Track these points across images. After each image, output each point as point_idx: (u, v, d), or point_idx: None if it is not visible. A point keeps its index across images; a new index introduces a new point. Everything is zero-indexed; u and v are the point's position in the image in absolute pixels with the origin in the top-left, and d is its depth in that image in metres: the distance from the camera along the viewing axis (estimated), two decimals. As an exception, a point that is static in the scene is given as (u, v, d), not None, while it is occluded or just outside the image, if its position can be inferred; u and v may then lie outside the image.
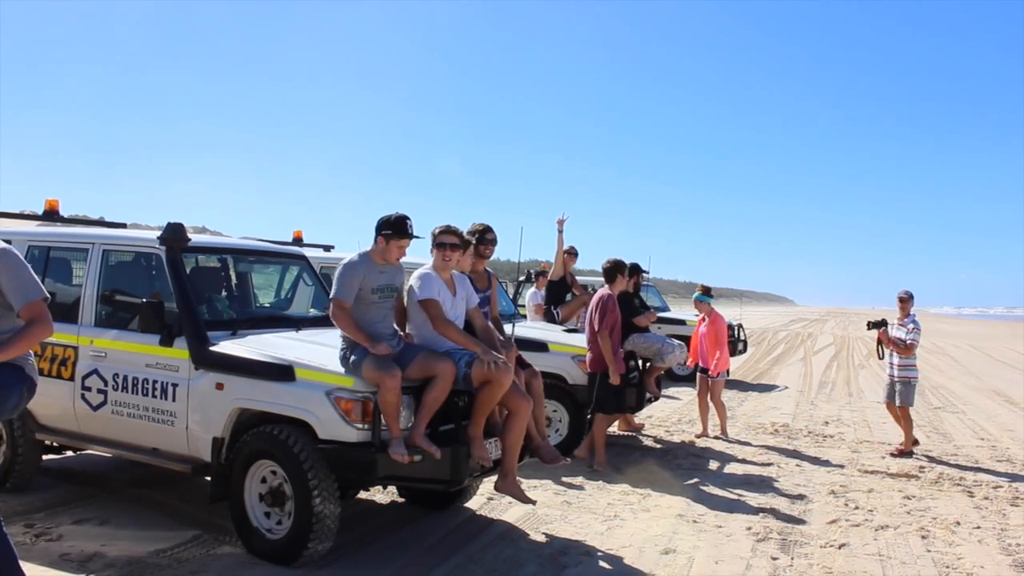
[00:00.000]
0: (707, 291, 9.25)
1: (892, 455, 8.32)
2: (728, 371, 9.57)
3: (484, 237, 5.44)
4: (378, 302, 4.56)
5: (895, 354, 8.48)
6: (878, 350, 8.65)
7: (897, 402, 8.42)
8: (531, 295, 10.94)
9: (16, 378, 3.28)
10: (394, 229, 4.51)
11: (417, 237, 4.62)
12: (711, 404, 9.03)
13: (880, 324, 8.56)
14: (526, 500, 4.90)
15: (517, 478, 4.87)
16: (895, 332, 8.51)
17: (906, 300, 8.58)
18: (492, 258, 5.65)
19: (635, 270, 8.14)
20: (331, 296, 4.48)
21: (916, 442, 8.58)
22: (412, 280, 4.78)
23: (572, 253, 9.13)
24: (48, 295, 3.28)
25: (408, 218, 4.58)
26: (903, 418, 8.48)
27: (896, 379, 8.44)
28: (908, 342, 8.36)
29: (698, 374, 9.17)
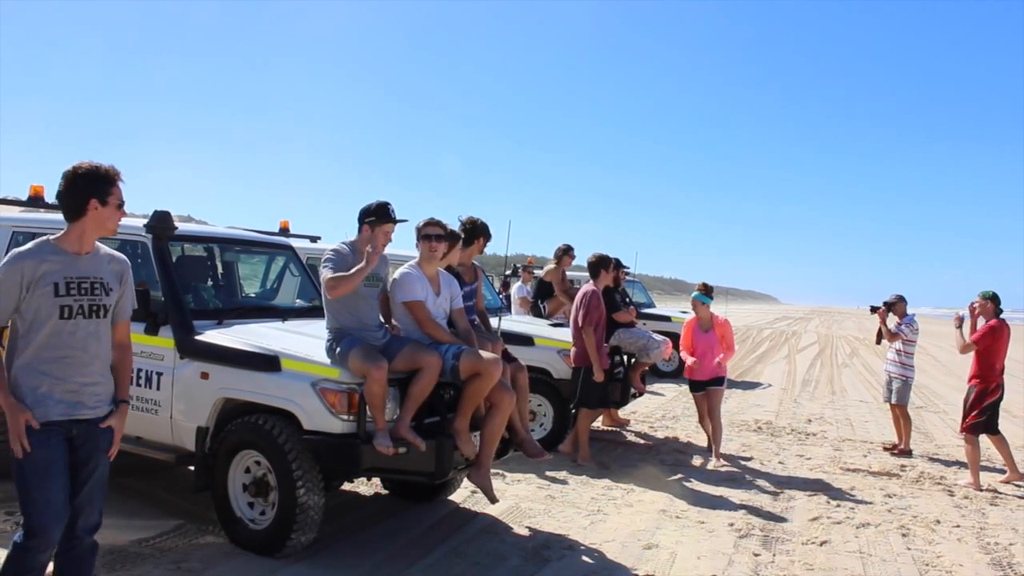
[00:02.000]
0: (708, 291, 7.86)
1: (892, 454, 8.40)
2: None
3: (487, 232, 5.57)
4: (364, 292, 4.53)
5: (892, 351, 8.57)
6: (878, 336, 8.76)
7: (893, 399, 8.49)
8: (516, 288, 10.92)
9: None
10: (377, 215, 4.48)
11: (401, 220, 4.57)
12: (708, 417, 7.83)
13: (879, 307, 8.66)
14: (492, 498, 4.87)
15: (491, 475, 4.82)
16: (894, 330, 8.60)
17: (893, 304, 8.59)
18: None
19: (616, 265, 8.11)
20: (324, 277, 4.34)
21: (895, 444, 8.66)
22: (393, 279, 4.76)
23: (570, 254, 8.96)
24: None
25: (389, 203, 4.55)
26: (901, 417, 8.54)
27: (892, 376, 8.53)
28: (894, 331, 8.49)
29: (706, 390, 7.79)
